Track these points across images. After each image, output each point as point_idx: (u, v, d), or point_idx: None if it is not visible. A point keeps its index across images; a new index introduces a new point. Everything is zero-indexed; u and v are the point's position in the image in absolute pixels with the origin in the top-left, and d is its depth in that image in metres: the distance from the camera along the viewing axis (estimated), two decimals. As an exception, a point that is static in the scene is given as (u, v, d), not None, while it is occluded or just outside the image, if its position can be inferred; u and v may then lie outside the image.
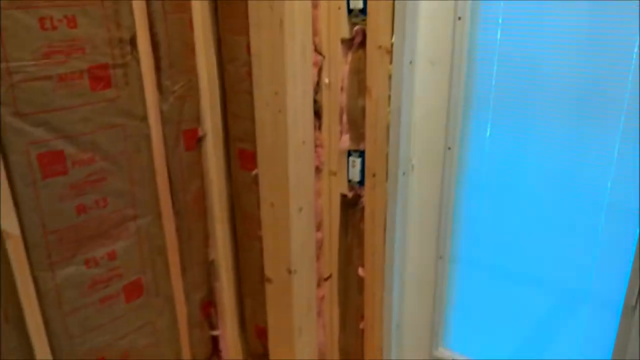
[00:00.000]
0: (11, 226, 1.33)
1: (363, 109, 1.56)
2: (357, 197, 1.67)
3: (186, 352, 1.86)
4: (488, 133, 1.49)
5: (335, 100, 1.61)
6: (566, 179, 1.40)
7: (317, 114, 1.62)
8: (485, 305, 1.65)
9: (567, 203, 1.41)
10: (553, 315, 1.54)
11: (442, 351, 1.75)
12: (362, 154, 1.60)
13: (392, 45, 1.44)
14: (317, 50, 1.57)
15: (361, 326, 1.83)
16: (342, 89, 1.59)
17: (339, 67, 1.57)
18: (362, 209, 1.66)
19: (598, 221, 1.38)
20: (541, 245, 1.48)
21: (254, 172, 1.68)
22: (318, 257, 1.79)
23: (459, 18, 1.48)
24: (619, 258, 1.36)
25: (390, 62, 1.45)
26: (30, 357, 1.45)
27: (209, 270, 1.88)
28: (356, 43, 1.53)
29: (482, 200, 1.56)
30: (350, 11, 1.49)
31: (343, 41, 1.55)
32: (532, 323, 1.58)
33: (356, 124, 1.59)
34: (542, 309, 1.55)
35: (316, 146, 1.64)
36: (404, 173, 1.56)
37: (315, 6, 1.52)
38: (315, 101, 1.60)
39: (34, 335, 1.43)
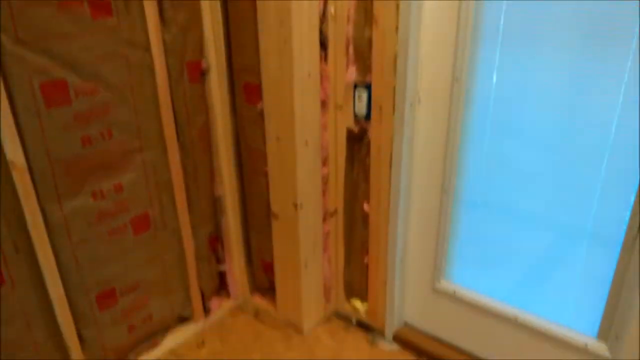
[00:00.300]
0: (16, 156, 1.32)
1: (370, 40, 1.52)
2: (363, 132, 1.65)
3: (194, 286, 1.90)
4: (496, 64, 1.46)
5: (341, 31, 1.57)
6: (572, 116, 1.38)
7: (323, 45, 1.59)
8: (487, 239, 1.66)
9: (572, 140, 1.40)
10: (553, 250, 1.55)
11: (444, 284, 1.77)
12: (368, 86, 1.58)
13: (400, -29, 1.40)
14: (323, -22, 1.52)
15: (365, 261, 1.86)
16: (348, 19, 1.55)
17: (346, -4, 1.53)
18: (368, 143, 1.65)
19: (602, 159, 1.37)
20: (544, 181, 1.48)
21: (259, 106, 1.66)
22: (324, 193, 1.79)
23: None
24: (620, 196, 1.36)
25: (399, -11, 1.41)
26: (42, 286, 1.48)
27: (215, 205, 1.90)
28: (363, -30, 1.48)
29: (488, 134, 1.54)
30: None
31: (350, -32, 1.50)
32: (532, 258, 1.60)
33: (363, 55, 1.56)
34: (543, 244, 1.56)
35: (322, 79, 1.61)
36: (411, 105, 1.54)
37: None
38: (320, 32, 1.56)
39: (44, 266, 1.46)
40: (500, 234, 1.63)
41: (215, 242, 1.96)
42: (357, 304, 1.98)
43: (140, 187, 1.62)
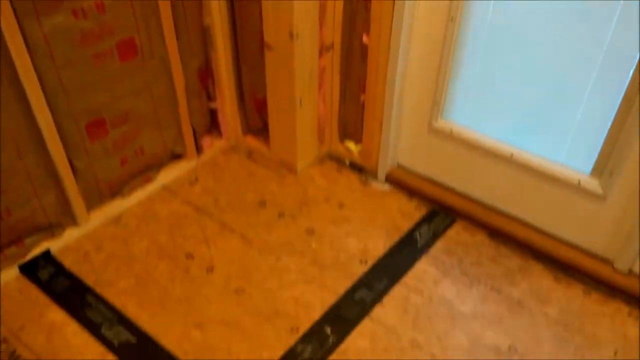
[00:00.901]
0: (-15, -43, 1.19)
1: None
2: (366, -49, 1.52)
3: (185, 122, 1.85)
4: None
5: None
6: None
7: None
8: (488, 80, 1.60)
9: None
10: (555, 95, 1.51)
11: (441, 123, 1.74)
12: None
13: None
14: None
15: (362, 100, 1.81)
16: None
17: None
18: (371, -36, 1.52)
19: (610, 20, 1.29)
20: (551, 35, 1.41)
21: None
22: (321, 23, 1.69)
23: None
24: (625, 56, 1.30)
25: None
26: (29, 112, 1.42)
27: (205, 37, 1.79)
28: None
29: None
30: None
31: None
32: (532, 101, 1.56)
33: None
34: (546, 88, 1.51)
35: None
36: None
37: None
38: None
39: (28, 88, 1.39)
40: (502, 74, 1.57)
41: (206, 78, 1.88)
42: (351, 145, 1.97)
43: (125, 8, 1.50)
